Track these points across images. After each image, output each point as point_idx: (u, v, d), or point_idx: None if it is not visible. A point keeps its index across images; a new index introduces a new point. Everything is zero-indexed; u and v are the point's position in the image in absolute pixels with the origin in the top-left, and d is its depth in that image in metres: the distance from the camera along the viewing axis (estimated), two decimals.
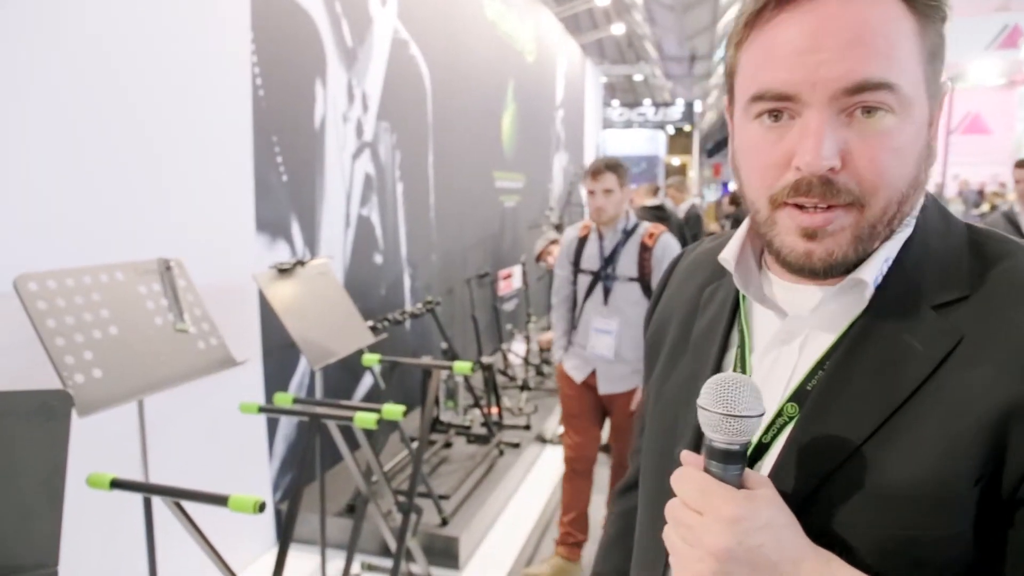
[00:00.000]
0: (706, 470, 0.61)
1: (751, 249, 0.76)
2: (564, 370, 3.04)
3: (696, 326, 0.81)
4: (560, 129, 9.50)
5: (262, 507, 1.52)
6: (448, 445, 3.90)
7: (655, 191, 6.21)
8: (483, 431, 3.98)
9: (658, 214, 5.38)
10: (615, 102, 23.42)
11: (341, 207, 3.60)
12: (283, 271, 2.49)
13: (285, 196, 3.10)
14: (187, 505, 1.64)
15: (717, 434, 0.60)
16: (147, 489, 1.62)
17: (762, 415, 0.59)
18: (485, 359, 4.14)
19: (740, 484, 0.60)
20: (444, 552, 2.96)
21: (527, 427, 4.35)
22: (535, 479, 3.94)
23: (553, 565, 3.00)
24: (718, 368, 0.75)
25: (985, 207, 10.00)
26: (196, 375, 1.88)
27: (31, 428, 1.23)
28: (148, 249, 2.12)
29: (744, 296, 0.76)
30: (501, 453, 3.86)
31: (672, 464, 0.70)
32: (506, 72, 6.67)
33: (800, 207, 0.63)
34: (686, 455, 0.64)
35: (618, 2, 13.22)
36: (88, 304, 1.68)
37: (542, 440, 4.36)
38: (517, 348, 6.16)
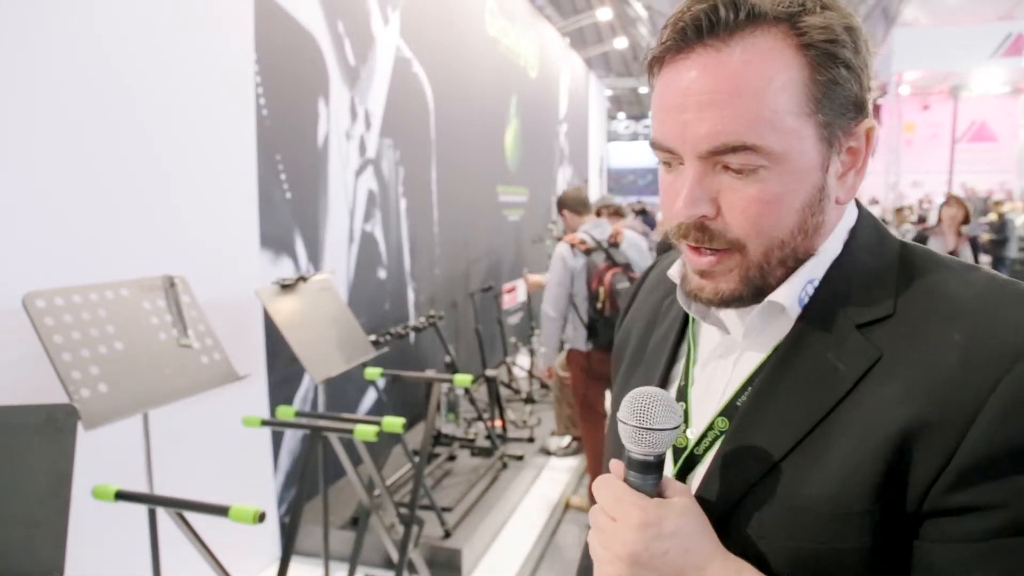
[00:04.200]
0: (626, 480, 0.65)
1: None
2: None
3: (653, 336, 0.85)
4: (564, 143, 9.56)
5: (262, 517, 1.55)
6: (452, 458, 3.92)
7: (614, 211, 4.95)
8: (487, 444, 4.00)
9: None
10: (621, 115, 23.50)
11: (344, 223, 3.65)
12: (286, 287, 2.53)
13: (289, 213, 3.16)
14: (191, 518, 1.68)
15: (633, 445, 0.63)
16: (150, 500, 1.66)
17: (676, 428, 0.62)
18: (489, 372, 4.17)
19: (658, 493, 0.64)
20: (447, 564, 2.98)
21: (531, 440, 4.37)
22: (539, 491, 3.95)
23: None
24: (666, 378, 0.79)
25: (992, 216, 9.95)
26: (199, 389, 1.92)
27: (38, 441, 1.26)
28: (154, 265, 2.17)
29: None
30: (505, 466, 3.88)
31: None
32: (509, 87, 6.74)
33: (692, 246, 0.67)
34: (614, 464, 0.68)
35: (622, 16, 13.32)
36: (94, 320, 1.73)
37: (546, 452, 4.38)
38: (521, 361, 6.18)
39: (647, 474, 0.64)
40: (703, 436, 0.70)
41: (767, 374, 0.67)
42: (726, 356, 0.73)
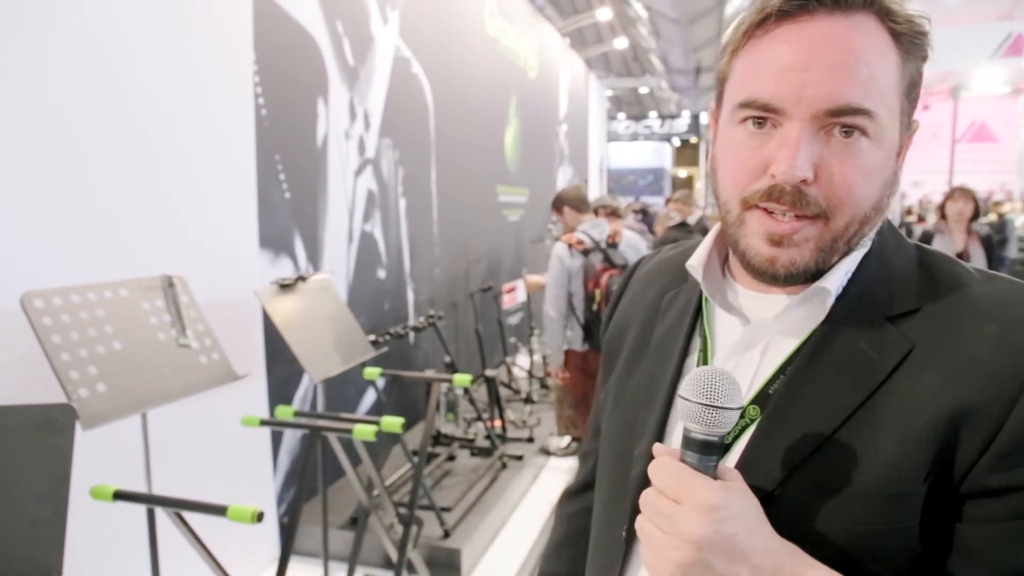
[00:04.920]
0: (682, 461, 0.63)
1: (716, 257, 0.79)
2: None
3: (656, 331, 0.84)
4: (564, 143, 9.56)
5: (260, 517, 1.55)
6: (451, 458, 3.92)
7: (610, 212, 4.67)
8: (486, 444, 4.00)
9: (684, 232, 5.23)
10: (621, 115, 23.51)
11: (344, 223, 3.65)
12: (285, 286, 2.53)
13: (288, 213, 3.16)
14: (190, 518, 1.68)
15: (696, 424, 0.62)
16: (149, 500, 1.66)
17: (741, 408, 0.62)
18: (488, 372, 4.17)
19: (715, 475, 0.63)
20: (446, 564, 2.98)
21: (531, 439, 4.37)
22: (539, 491, 3.95)
23: None
24: (679, 371, 0.78)
25: (992, 216, 9.94)
26: (198, 389, 1.92)
27: (36, 441, 1.26)
28: (154, 266, 2.18)
29: (706, 302, 0.79)
30: (504, 466, 3.87)
31: (630, 464, 0.72)
32: (508, 88, 6.74)
33: (769, 213, 0.67)
34: (658, 447, 0.67)
35: (622, 16, 13.33)
36: (92, 320, 1.73)
37: (546, 453, 4.38)
38: (521, 361, 6.18)
39: (708, 455, 0.62)
40: (734, 425, 0.70)
41: (801, 362, 0.69)
42: (752, 347, 0.73)
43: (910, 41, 0.66)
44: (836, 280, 0.68)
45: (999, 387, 0.60)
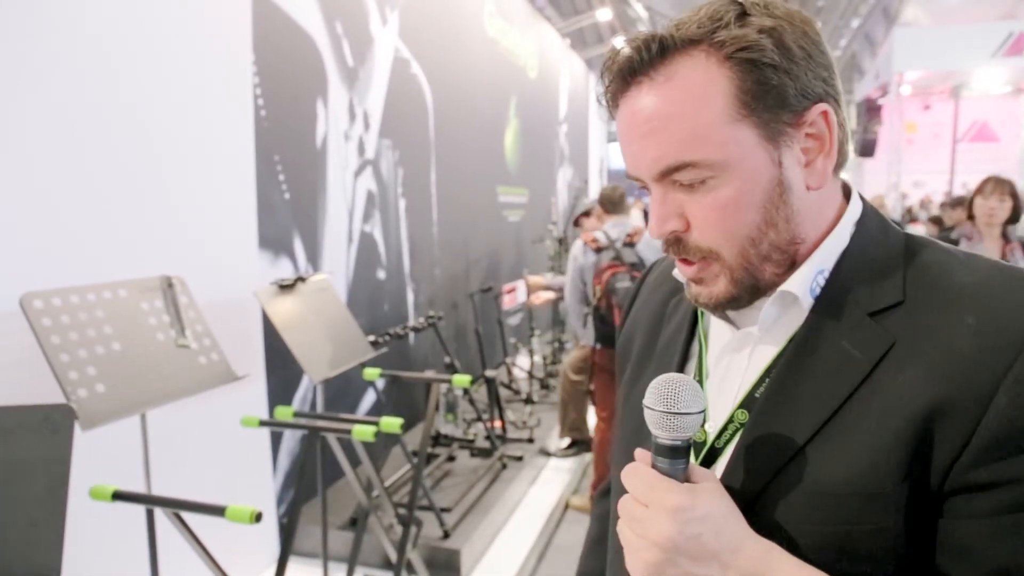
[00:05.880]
0: (654, 466, 0.65)
1: None
2: None
3: (661, 336, 0.86)
4: (564, 144, 9.56)
5: (259, 517, 1.55)
6: (451, 459, 3.92)
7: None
8: (486, 444, 4.00)
9: None
10: None
11: (343, 224, 3.65)
12: (284, 287, 2.54)
13: (287, 213, 3.16)
14: (189, 518, 1.68)
15: (661, 431, 0.64)
16: (147, 500, 1.66)
17: (702, 412, 0.64)
18: (488, 373, 4.17)
19: (685, 478, 0.65)
20: (446, 565, 2.98)
21: (531, 440, 4.37)
22: (538, 492, 3.95)
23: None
24: None
25: None
26: (197, 390, 1.92)
27: (35, 441, 1.26)
28: (153, 266, 2.18)
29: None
30: (504, 466, 3.88)
31: None
32: (508, 88, 6.74)
33: (678, 258, 0.72)
34: (639, 452, 0.69)
35: (622, 16, 13.32)
36: (92, 321, 1.73)
37: (546, 453, 4.38)
38: (521, 362, 6.18)
39: (675, 459, 0.64)
40: (723, 429, 0.72)
41: (784, 364, 0.69)
42: (740, 349, 0.74)
43: (741, 59, 0.64)
44: (801, 281, 0.69)
45: (977, 380, 0.59)
